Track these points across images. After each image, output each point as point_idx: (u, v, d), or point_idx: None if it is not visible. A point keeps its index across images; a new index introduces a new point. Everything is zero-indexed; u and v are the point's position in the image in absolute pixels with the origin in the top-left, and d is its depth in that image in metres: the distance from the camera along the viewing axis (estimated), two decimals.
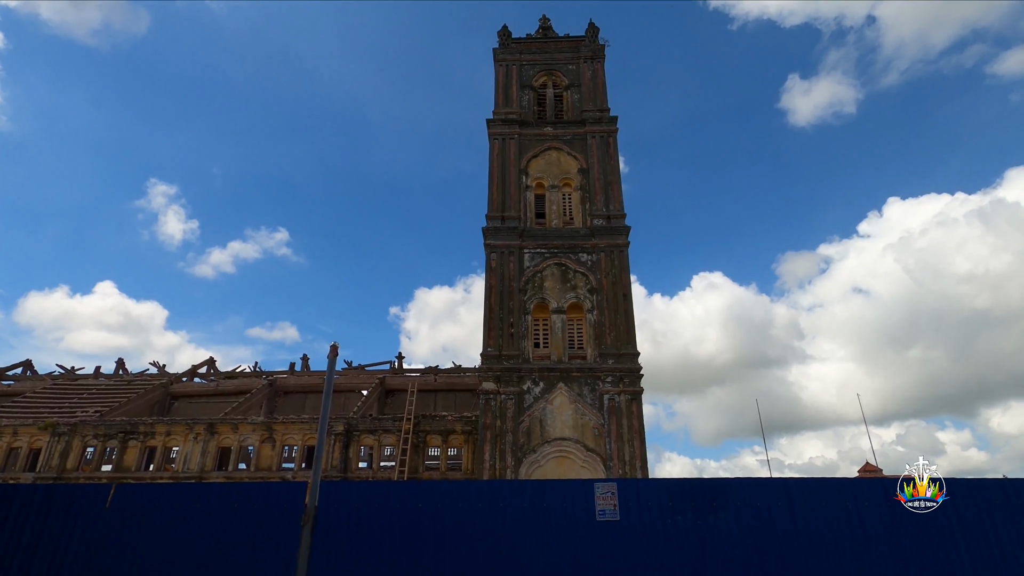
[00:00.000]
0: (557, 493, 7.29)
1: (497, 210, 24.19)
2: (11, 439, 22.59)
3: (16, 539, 6.75)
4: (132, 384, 28.75)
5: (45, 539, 6.77)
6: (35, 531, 6.80)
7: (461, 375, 28.64)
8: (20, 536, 6.77)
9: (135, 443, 22.49)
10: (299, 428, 22.50)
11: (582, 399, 20.66)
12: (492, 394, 20.73)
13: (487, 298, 22.53)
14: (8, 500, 7.12)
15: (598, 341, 21.71)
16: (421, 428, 22.18)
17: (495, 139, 25.83)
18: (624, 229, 23.60)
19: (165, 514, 7.06)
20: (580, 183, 25.03)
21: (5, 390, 28.95)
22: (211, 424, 22.57)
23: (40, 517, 6.95)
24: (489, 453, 19.75)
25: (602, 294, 22.40)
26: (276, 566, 6.71)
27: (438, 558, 6.88)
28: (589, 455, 19.72)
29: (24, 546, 6.71)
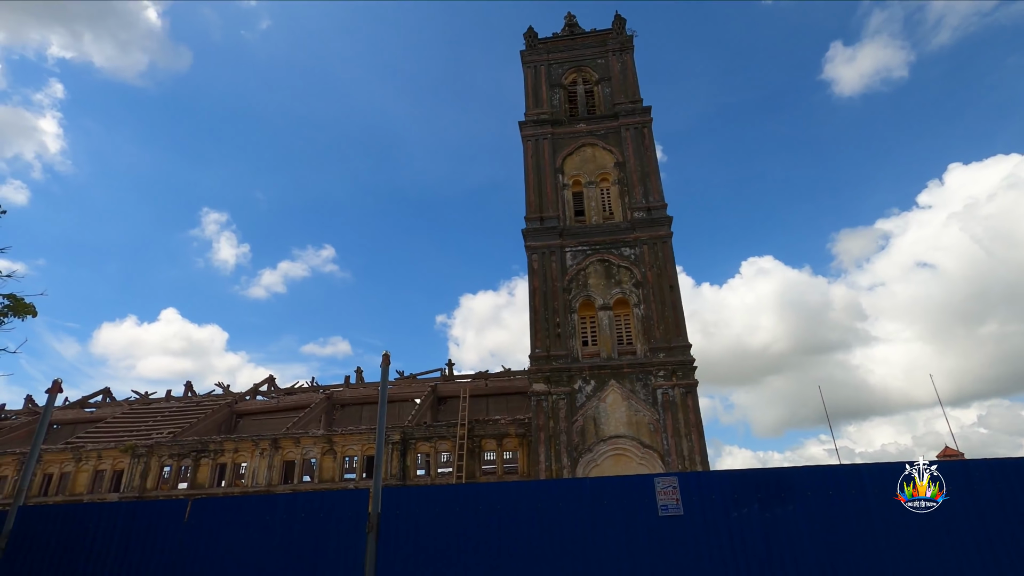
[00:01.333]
0: (616, 490, 7.18)
1: (535, 211, 24.18)
2: (97, 462, 24.12)
3: (106, 552, 7.18)
4: (200, 405, 30.21)
5: (132, 552, 7.18)
6: (122, 545, 7.21)
7: (511, 378, 28.72)
8: (109, 549, 7.20)
9: (207, 461, 23.59)
10: (357, 439, 23.07)
11: (635, 395, 20.33)
12: (543, 395, 20.68)
13: (531, 300, 22.53)
14: (98, 517, 7.58)
15: (647, 335, 21.33)
16: (475, 433, 22.33)
17: (528, 141, 25.86)
18: (666, 220, 23.14)
19: (237, 525, 7.35)
20: (617, 177, 24.72)
21: (88, 417, 30.97)
22: (275, 439, 23.43)
23: (126, 532, 7.37)
24: (544, 454, 19.69)
25: (648, 287, 22.01)
26: (343, 570, 6.88)
27: (499, 559, 6.88)
28: (646, 452, 19.37)
29: (113, 559, 7.14)
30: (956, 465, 7.52)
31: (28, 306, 8.48)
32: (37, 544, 7.42)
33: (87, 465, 24.07)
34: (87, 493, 23.53)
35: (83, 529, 7.46)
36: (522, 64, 28.52)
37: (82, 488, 23.73)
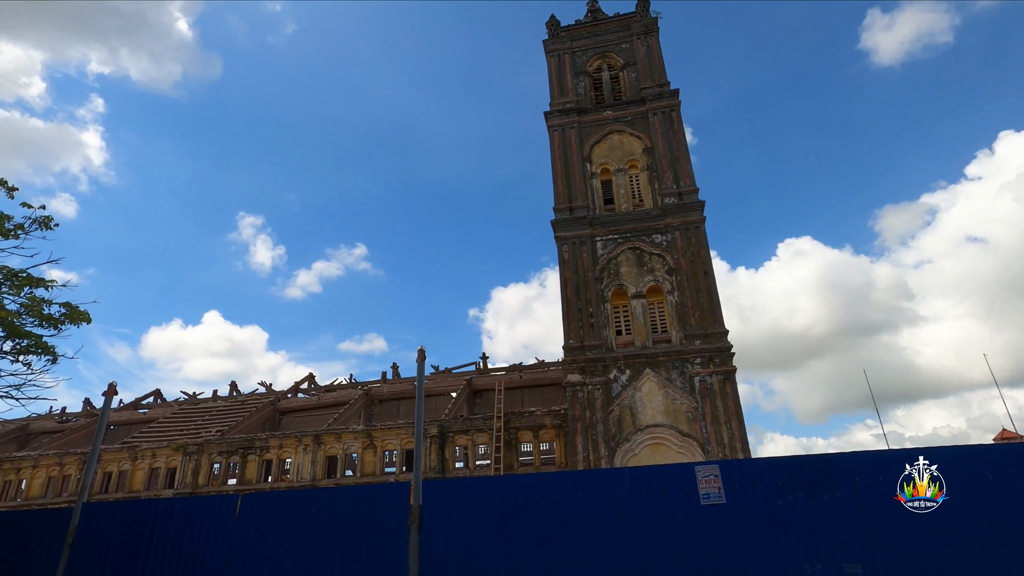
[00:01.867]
0: (656, 479, 7.10)
1: (564, 201, 24.03)
2: (151, 460, 25.23)
3: (163, 545, 7.52)
4: (245, 404, 31.23)
5: (187, 545, 7.49)
6: (178, 538, 7.54)
7: (545, 370, 28.72)
8: (166, 542, 7.53)
9: (253, 457, 24.40)
10: (396, 433, 23.47)
11: (671, 383, 20.07)
12: (578, 386, 20.62)
13: (563, 290, 22.43)
14: (154, 513, 7.93)
15: (682, 323, 21.01)
16: (511, 425, 22.44)
17: (554, 131, 25.66)
18: (698, 204, 22.68)
19: (285, 519, 7.57)
20: (646, 163, 24.33)
21: (141, 418, 32.39)
22: (317, 435, 24.05)
23: (182, 527, 7.69)
24: (581, 445, 19.66)
25: (681, 274, 21.65)
26: (386, 560, 7.03)
27: (538, 549, 6.91)
28: (685, 440, 19.13)
29: (170, 552, 7.47)
30: (1017, 448, 7.17)
31: (83, 313, 8.90)
32: (100, 538, 7.81)
33: (143, 463, 25.20)
34: (144, 490, 24.66)
35: (141, 524, 7.82)
36: (545, 53, 28.27)
37: (139, 485, 24.87)
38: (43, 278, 8.87)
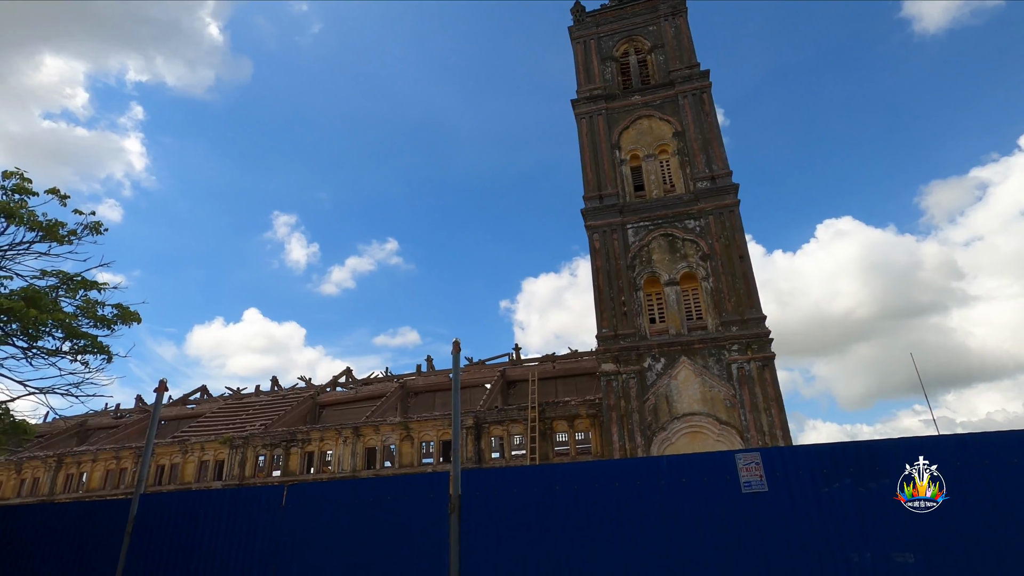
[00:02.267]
0: (695, 467, 7.02)
1: (594, 190, 23.80)
2: (200, 454, 26.27)
3: (215, 534, 7.84)
4: (286, 398, 32.16)
5: (238, 534, 7.80)
6: (230, 527, 7.85)
7: (578, 360, 28.64)
8: (218, 531, 7.85)
9: (296, 449, 25.14)
10: (432, 424, 23.83)
11: (708, 371, 19.76)
12: (612, 375, 20.50)
13: (595, 280, 22.28)
14: (206, 503, 8.27)
15: (718, 309, 20.62)
16: (546, 415, 22.50)
17: (582, 118, 25.39)
18: (731, 187, 22.15)
19: (329, 508, 7.80)
20: (677, 147, 23.86)
21: (189, 413, 33.72)
22: (356, 428, 24.61)
23: (232, 516, 8.00)
24: (617, 434, 19.57)
25: (716, 259, 21.22)
26: (427, 547, 7.17)
27: (577, 537, 6.93)
28: (723, 428, 18.84)
29: (222, 539, 7.79)
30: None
31: (133, 314, 9.31)
32: (157, 527, 8.20)
33: (192, 456, 26.27)
34: (195, 482, 25.71)
35: (195, 513, 8.17)
36: (571, 40, 27.93)
37: (190, 477, 25.95)
38: (96, 281, 9.31)
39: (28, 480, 27.80)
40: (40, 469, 27.72)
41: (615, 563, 6.71)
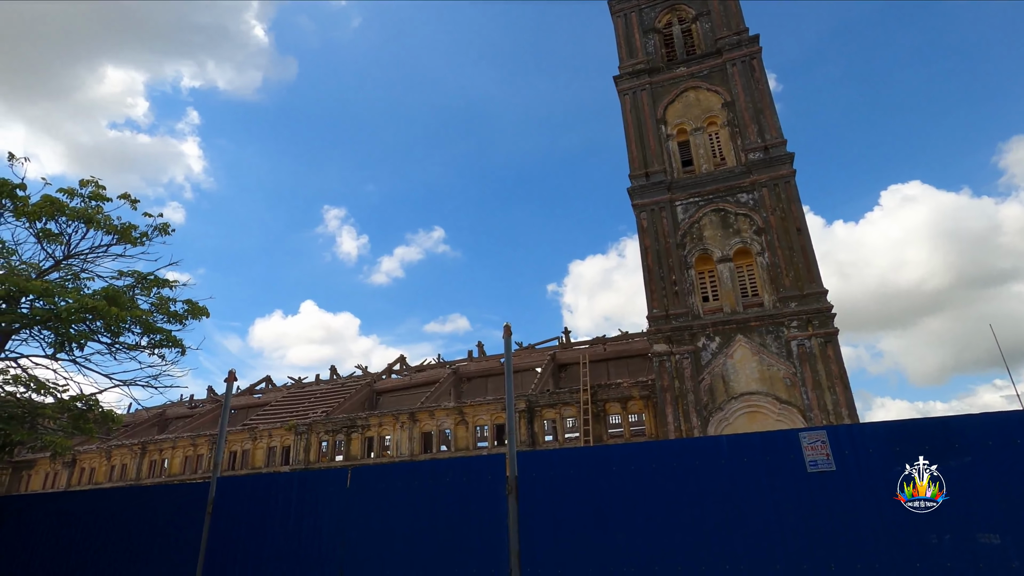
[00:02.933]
0: (757, 447, 6.82)
1: (640, 167, 23.26)
2: (268, 440, 27.69)
3: (286, 514, 8.27)
4: (345, 386, 33.36)
5: (306, 513, 8.19)
6: (299, 507, 8.26)
7: (629, 341, 28.32)
8: (288, 511, 8.28)
9: (356, 435, 26.10)
10: (486, 409, 24.18)
11: (766, 349, 19.12)
12: (665, 355, 20.16)
13: (644, 260, 21.87)
14: (277, 485, 8.71)
15: (774, 285, 19.87)
16: (598, 397, 22.41)
17: (625, 95, 24.77)
18: (786, 157, 21.15)
19: (391, 490, 8.05)
20: (727, 119, 22.96)
21: (256, 402, 35.53)
22: (412, 413, 25.28)
23: (300, 497, 8.41)
24: (672, 415, 19.29)
25: (771, 233, 20.40)
26: (486, 526, 7.31)
27: (632, 518, 6.89)
28: (784, 407, 18.24)
29: (292, 519, 8.21)
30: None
31: (202, 309, 9.85)
32: (233, 508, 8.71)
33: (261, 443, 27.72)
34: (264, 466, 27.15)
35: (267, 495, 8.62)
36: (611, 14, 27.19)
37: (260, 462, 27.41)
38: (167, 279, 9.89)
39: (117, 466, 30.10)
40: (127, 456, 29.96)
41: (675, 542, 6.64)
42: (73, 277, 9.67)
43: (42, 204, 8.60)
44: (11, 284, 7.85)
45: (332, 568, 7.79)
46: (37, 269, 9.26)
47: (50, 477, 31.42)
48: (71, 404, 9.39)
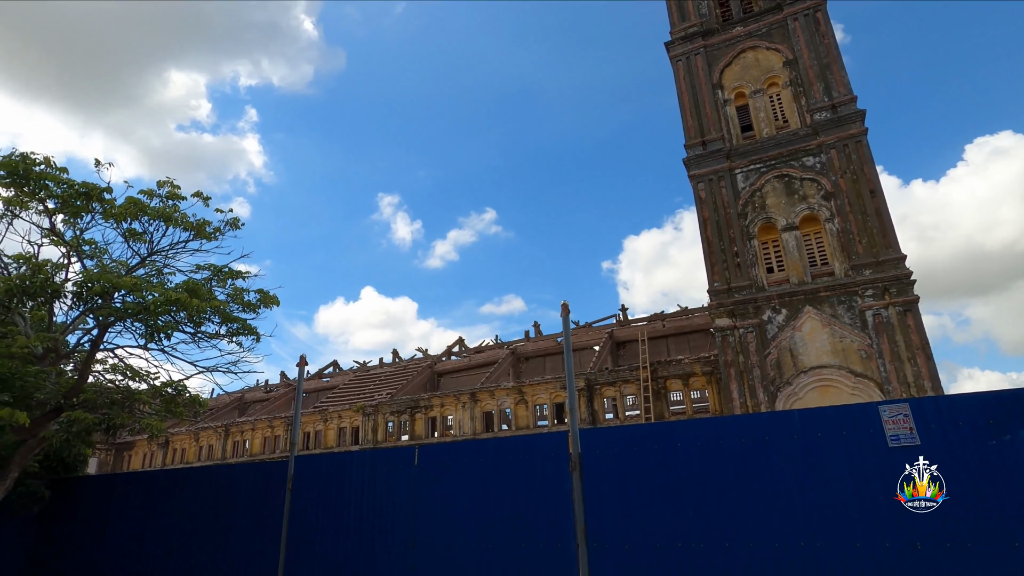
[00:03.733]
0: (832, 421, 6.53)
1: (695, 136, 22.39)
2: (338, 421, 29.05)
3: (360, 489, 8.71)
4: (407, 369, 34.41)
5: (378, 488, 8.58)
6: (371, 484, 8.67)
7: (689, 317, 27.64)
8: (363, 487, 8.71)
9: (420, 415, 26.95)
10: (544, 387, 24.33)
11: (837, 320, 18.18)
12: (728, 330, 19.54)
13: (702, 232, 21.17)
14: (350, 463, 9.15)
15: (846, 252, 18.78)
16: (658, 374, 22.08)
17: (678, 60, 23.79)
18: (856, 115, 19.79)
19: (457, 467, 8.29)
20: (789, 78, 21.67)
21: (324, 385, 37.27)
22: (472, 393, 25.79)
23: (372, 474, 8.81)
24: (737, 391, 18.75)
25: (842, 197, 19.23)
26: (550, 502, 7.42)
27: (700, 494, 6.78)
28: (859, 381, 17.34)
29: (366, 494, 8.63)
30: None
31: (273, 298, 10.39)
32: (311, 484, 9.23)
33: (332, 424, 29.12)
34: (336, 446, 28.55)
35: (341, 473, 9.08)
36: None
37: (331, 442, 28.83)
38: (240, 271, 10.46)
39: (204, 447, 32.48)
40: (213, 437, 32.25)
41: (745, 518, 6.50)
42: (157, 272, 10.40)
43: (127, 206, 9.27)
44: (105, 281, 8.54)
45: (404, 540, 8.15)
46: (126, 266, 10.01)
47: (147, 457, 34.32)
48: (163, 390, 10.17)
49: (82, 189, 9.33)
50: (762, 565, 6.24)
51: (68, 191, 9.27)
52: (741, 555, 6.37)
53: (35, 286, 8.92)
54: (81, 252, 9.69)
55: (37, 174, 8.99)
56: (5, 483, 9.39)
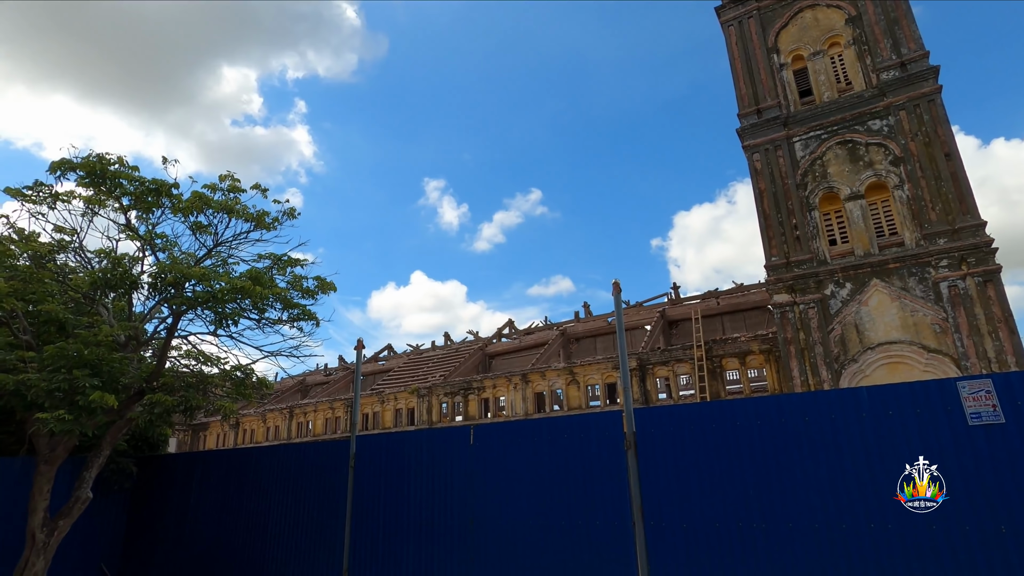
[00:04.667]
0: (904, 398, 6.19)
1: (750, 104, 21.41)
2: (394, 403, 29.97)
3: (418, 468, 8.99)
4: (459, 351, 35.00)
5: (436, 466, 8.83)
6: (430, 463, 8.93)
7: (745, 293, 26.76)
8: (421, 466, 8.99)
9: (473, 396, 27.43)
10: (596, 368, 24.22)
11: (908, 293, 17.15)
12: (787, 306, 18.80)
13: (758, 205, 20.33)
14: (408, 443, 9.44)
15: (917, 220, 17.63)
16: (713, 353, 21.55)
17: (729, 25, 22.72)
18: (928, 72, 18.38)
19: (512, 446, 8.41)
20: (852, 36, 20.33)
21: (380, 368, 38.44)
22: (524, 375, 26.00)
23: (430, 454, 9.06)
24: (797, 369, 18.08)
25: (912, 162, 18.00)
26: (605, 480, 7.43)
27: (762, 473, 6.60)
28: (932, 357, 16.37)
29: (425, 473, 8.91)
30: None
31: (330, 284, 10.76)
32: (372, 463, 9.60)
33: (388, 405, 30.08)
34: (392, 426, 29.50)
35: (400, 451, 9.38)
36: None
37: (388, 423, 29.81)
38: (298, 259, 10.86)
39: (271, 427, 34.27)
40: (278, 418, 33.96)
41: (811, 497, 6.29)
42: (222, 262, 10.94)
43: (192, 200, 9.76)
44: (177, 272, 9.07)
45: (463, 516, 8.36)
46: (194, 257, 10.58)
47: (220, 437, 36.56)
48: (232, 373, 10.75)
49: (152, 186, 9.88)
50: (831, 548, 6.05)
51: (140, 188, 9.84)
52: (806, 535, 6.19)
53: (116, 278, 9.58)
54: (154, 245, 10.30)
55: (113, 173, 9.58)
56: (99, 460, 10.23)
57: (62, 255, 10.67)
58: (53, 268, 10.24)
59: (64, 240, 10.37)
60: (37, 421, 8.32)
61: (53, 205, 9.95)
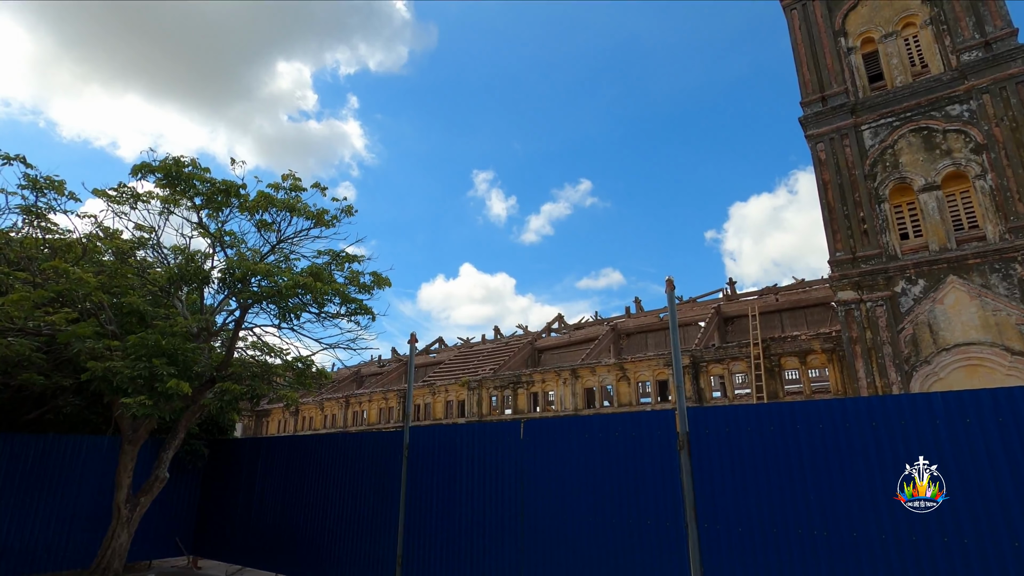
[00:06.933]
0: (985, 405, 5.78)
1: (814, 91, 20.42)
2: (445, 395, 30.53)
3: (470, 458, 9.16)
4: (508, 345, 35.24)
5: (488, 460, 8.97)
6: (481, 455, 9.08)
7: (806, 289, 25.64)
8: (473, 456, 9.15)
9: (522, 390, 27.58)
10: (647, 364, 23.85)
11: (989, 290, 15.97)
12: (853, 304, 17.88)
13: (822, 196, 19.39)
14: (460, 434, 9.62)
15: (1002, 212, 16.36)
16: (771, 352, 20.79)
17: (792, 8, 21.71)
18: (1017, 51, 16.98)
19: (562, 441, 8.42)
20: (929, 15, 19.01)
21: (431, 360, 39.20)
22: (573, 370, 25.91)
23: (482, 446, 9.22)
24: (863, 370, 17.19)
25: (996, 149, 16.70)
26: (657, 479, 7.33)
27: (822, 479, 6.33)
28: (1017, 360, 15.19)
29: (476, 463, 9.07)
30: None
31: (385, 279, 11.11)
32: (424, 453, 9.85)
33: (439, 397, 30.67)
34: (443, 418, 30.08)
35: (452, 443, 9.58)
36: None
37: (439, 414, 30.42)
38: (355, 255, 11.25)
39: (328, 416, 35.65)
40: (335, 407, 35.28)
41: (879, 506, 6.00)
42: (285, 259, 11.46)
43: (258, 199, 10.29)
44: (244, 268, 9.58)
45: (514, 508, 8.47)
46: (259, 254, 11.13)
47: (281, 424, 38.34)
48: (294, 364, 11.28)
49: (222, 186, 10.48)
50: (901, 559, 5.76)
51: (211, 189, 10.45)
52: (873, 545, 5.91)
53: (189, 274, 10.22)
54: (223, 242, 10.92)
55: (186, 175, 10.22)
56: (176, 442, 10.98)
57: (142, 251, 11.48)
58: (134, 263, 11.02)
59: (144, 237, 11.14)
60: (122, 405, 9.01)
61: (134, 205, 10.70)
